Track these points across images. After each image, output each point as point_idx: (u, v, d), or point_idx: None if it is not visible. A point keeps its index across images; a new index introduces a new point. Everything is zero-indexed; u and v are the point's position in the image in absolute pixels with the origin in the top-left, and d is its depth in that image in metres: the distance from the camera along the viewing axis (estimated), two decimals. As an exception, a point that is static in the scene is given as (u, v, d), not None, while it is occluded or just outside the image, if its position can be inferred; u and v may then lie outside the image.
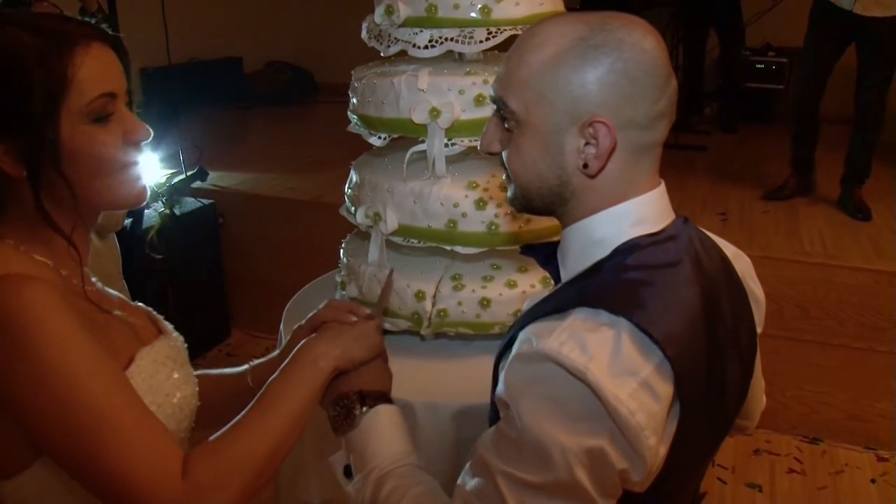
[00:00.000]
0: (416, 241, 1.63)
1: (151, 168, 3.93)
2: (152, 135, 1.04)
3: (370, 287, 1.70)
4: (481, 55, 1.74)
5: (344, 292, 1.80)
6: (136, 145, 1.03)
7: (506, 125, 0.99)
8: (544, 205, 1.01)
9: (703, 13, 5.20)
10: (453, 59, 1.70)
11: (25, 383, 0.88)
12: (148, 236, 2.67)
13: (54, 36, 0.96)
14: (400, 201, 1.61)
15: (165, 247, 3.13)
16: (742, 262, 1.13)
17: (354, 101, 1.70)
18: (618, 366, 0.86)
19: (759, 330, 1.13)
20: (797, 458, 3.15)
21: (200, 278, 4.02)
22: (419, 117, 1.54)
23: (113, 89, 0.99)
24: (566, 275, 1.03)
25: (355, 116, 1.71)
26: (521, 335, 0.94)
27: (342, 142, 1.69)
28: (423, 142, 1.58)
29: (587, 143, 0.93)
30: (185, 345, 1.22)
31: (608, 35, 0.92)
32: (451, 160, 1.63)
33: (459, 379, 1.58)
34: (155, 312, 1.23)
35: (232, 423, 1.00)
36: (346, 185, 1.78)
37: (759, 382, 1.24)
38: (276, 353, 1.31)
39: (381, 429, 1.12)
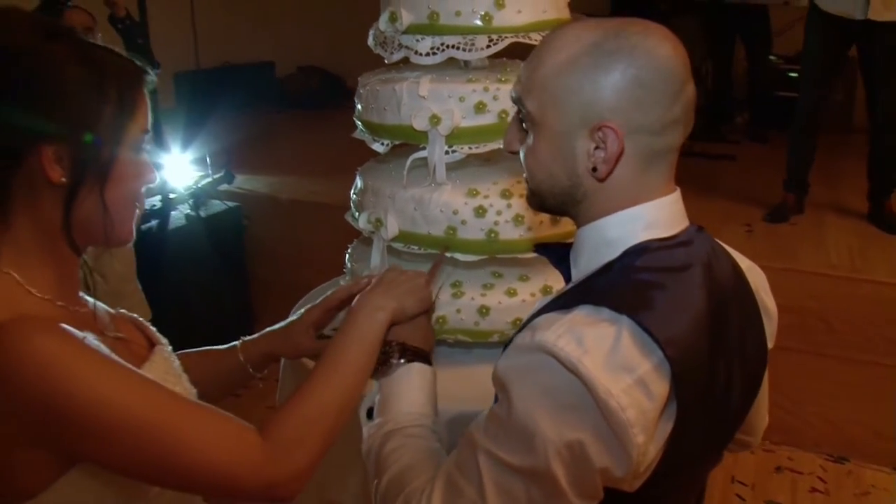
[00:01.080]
0: (416, 248, 1.63)
1: (181, 170, 3.99)
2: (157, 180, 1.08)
3: (371, 293, 1.70)
4: (486, 62, 1.73)
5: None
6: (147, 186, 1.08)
7: (523, 125, 1.02)
8: (557, 204, 1.03)
9: (729, 21, 5.12)
10: (459, 66, 1.70)
11: (73, 426, 0.89)
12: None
13: (131, 62, 1.02)
14: (401, 207, 1.61)
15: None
16: (756, 275, 1.13)
17: (359, 107, 1.70)
18: (615, 361, 0.87)
19: (770, 344, 1.13)
20: (821, 478, 3.08)
21: (224, 279, 4.06)
22: (419, 124, 1.54)
23: (149, 129, 1.05)
24: (577, 275, 1.04)
25: (360, 122, 1.72)
26: (523, 328, 0.96)
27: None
28: (423, 148, 1.58)
29: (597, 147, 0.95)
30: (170, 346, 1.23)
31: (622, 41, 0.93)
32: (452, 167, 1.63)
33: (456, 386, 1.56)
34: (142, 319, 1.23)
35: (302, 384, 1.05)
36: (352, 191, 1.79)
37: (764, 398, 1.23)
38: (277, 326, 1.34)
39: (410, 385, 1.16)
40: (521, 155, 1.04)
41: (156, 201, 3.69)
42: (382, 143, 1.66)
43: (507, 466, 0.92)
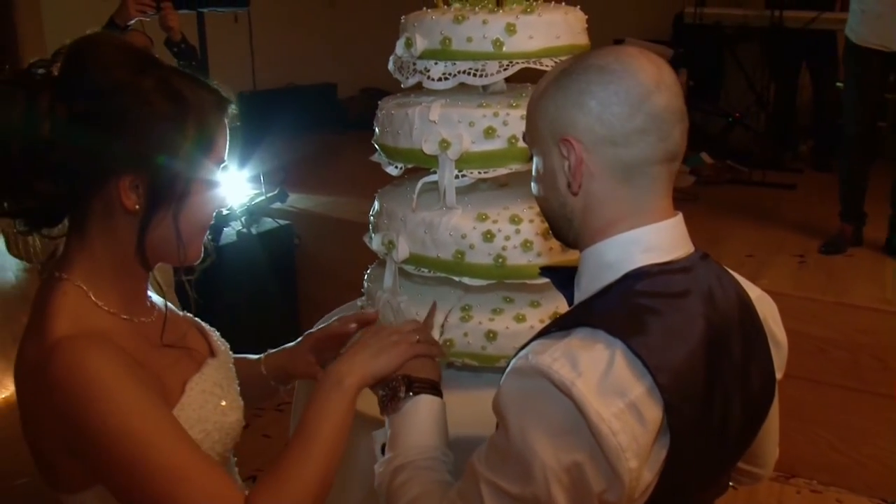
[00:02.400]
0: (426, 271, 1.63)
1: (236, 187, 4.09)
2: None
3: (384, 313, 1.72)
4: (504, 87, 1.74)
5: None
6: (219, 213, 1.13)
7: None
8: (558, 229, 1.08)
9: (794, 47, 4.99)
10: (477, 91, 1.71)
11: (95, 446, 0.95)
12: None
13: (215, 93, 1.07)
14: (412, 230, 1.62)
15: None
16: (765, 305, 1.13)
17: (376, 130, 1.73)
18: (607, 385, 0.88)
19: (779, 375, 1.13)
20: (872, 522, 2.94)
21: (274, 296, 4.13)
22: (429, 148, 1.56)
23: (225, 159, 1.10)
24: (579, 297, 1.05)
25: (377, 145, 1.74)
26: (522, 351, 0.97)
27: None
28: (434, 172, 1.59)
29: (567, 163, 0.99)
30: (230, 353, 1.29)
31: (582, 62, 1.00)
32: (465, 191, 1.64)
33: (464, 410, 1.56)
34: (203, 324, 1.29)
35: (280, 455, 1.06)
36: (370, 213, 1.81)
37: (774, 429, 1.21)
38: (292, 344, 1.41)
39: (417, 418, 1.17)
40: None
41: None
42: (396, 167, 1.69)
43: (509, 496, 0.92)
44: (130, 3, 2.88)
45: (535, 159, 1.06)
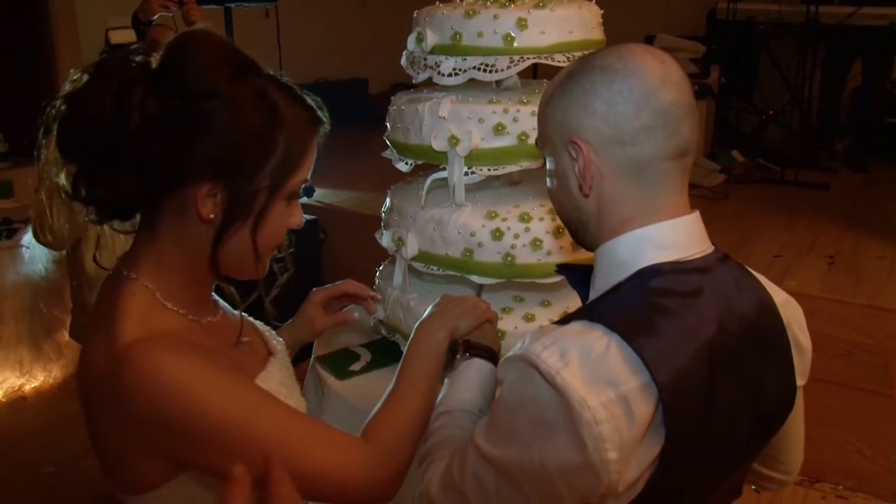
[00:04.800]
0: (435, 268, 1.62)
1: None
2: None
3: (393, 310, 1.71)
4: (518, 83, 1.71)
5: (373, 314, 1.81)
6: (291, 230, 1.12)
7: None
8: (574, 231, 1.07)
9: (851, 43, 4.86)
10: (491, 88, 1.69)
11: (202, 442, 0.94)
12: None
13: (310, 112, 1.05)
14: (421, 227, 1.61)
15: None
16: (791, 309, 1.11)
17: (388, 126, 1.72)
18: (598, 374, 0.87)
19: (802, 381, 1.11)
20: (908, 533, 2.86)
21: (299, 291, 4.13)
22: (439, 144, 1.54)
23: (309, 177, 1.09)
24: (593, 295, 1.04)
25: (388, 141, 1.73)
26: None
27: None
28: (443, 169, 1.58)
29: (577, 165, 0.99)
30: (284, 346, 1.30)
31: (585, 64, 1.00)
32: (476, 188, 1.62)
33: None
34: (260, 326, 1.28)
35: (386, 397, 1.17)
36: (382, 209, 1.80)
37: (797, 435, 1.19)
38: (291, 320, 1.51)
39: (466, 377, 1.23)
40: None
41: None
42: (407, 163, 1.67)
43: (485, 459, 0.96)
44: (153, -1, 2.88)
45: (547, 163, 1.07)
